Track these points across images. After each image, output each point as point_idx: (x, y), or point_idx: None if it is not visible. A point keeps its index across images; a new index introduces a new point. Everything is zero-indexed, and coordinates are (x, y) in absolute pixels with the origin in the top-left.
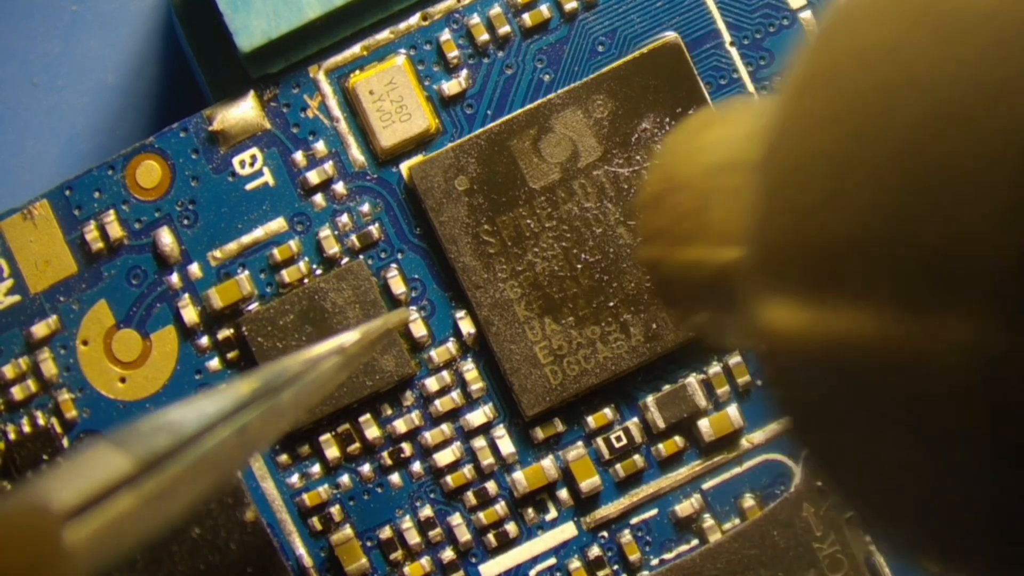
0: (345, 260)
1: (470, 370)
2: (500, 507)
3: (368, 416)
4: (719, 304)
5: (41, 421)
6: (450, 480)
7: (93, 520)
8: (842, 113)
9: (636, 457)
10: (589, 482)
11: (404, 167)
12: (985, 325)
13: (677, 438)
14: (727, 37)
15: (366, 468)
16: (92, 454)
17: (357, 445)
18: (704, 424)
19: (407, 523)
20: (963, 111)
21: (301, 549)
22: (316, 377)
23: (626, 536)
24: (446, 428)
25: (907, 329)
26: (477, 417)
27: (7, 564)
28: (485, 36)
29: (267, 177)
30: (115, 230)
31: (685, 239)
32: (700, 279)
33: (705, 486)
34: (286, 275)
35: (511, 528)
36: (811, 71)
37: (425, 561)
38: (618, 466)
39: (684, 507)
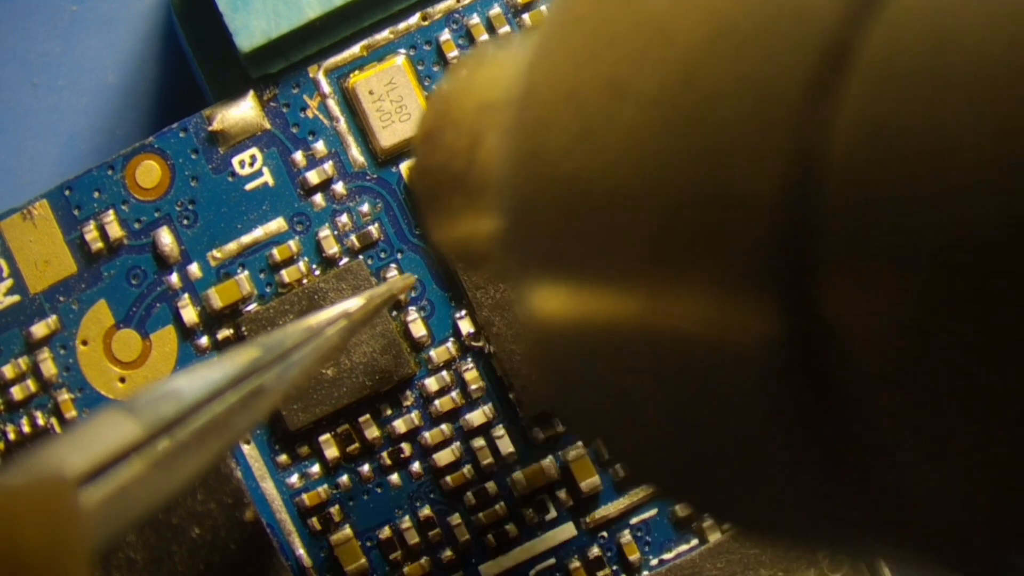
0: (345, 260)
1: (470, 370)
2: (500, 507)
3: (368, 416)
4: (485, 238)
5: (41, 421)
6: (450, 480)
7: (106, 485)
8: (596, 51)
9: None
10: (589, 482)
11: (404, 167)
12: (759, 308)
13: None
14: None
15: (366, 468)
16: (102, 420)
17: (357, 445)
18: None
19: (407, 523)
20: (736, 33)
21: (301, 549)
22: (321, 343)
23: (626, 536)
24: (446, 428)
25: (659, 302)
26: (477, 417)
27: (24, 529)
28: (485, 36)
29: (267, 177)
30: (115, 230)
31: (455, 181)
32: (471, 208)
33: None
34: (286, 275)
35: (511, 528)
36: (566, 7)
37: (425, 561)
38: (618, 466)
39: (684, 507)
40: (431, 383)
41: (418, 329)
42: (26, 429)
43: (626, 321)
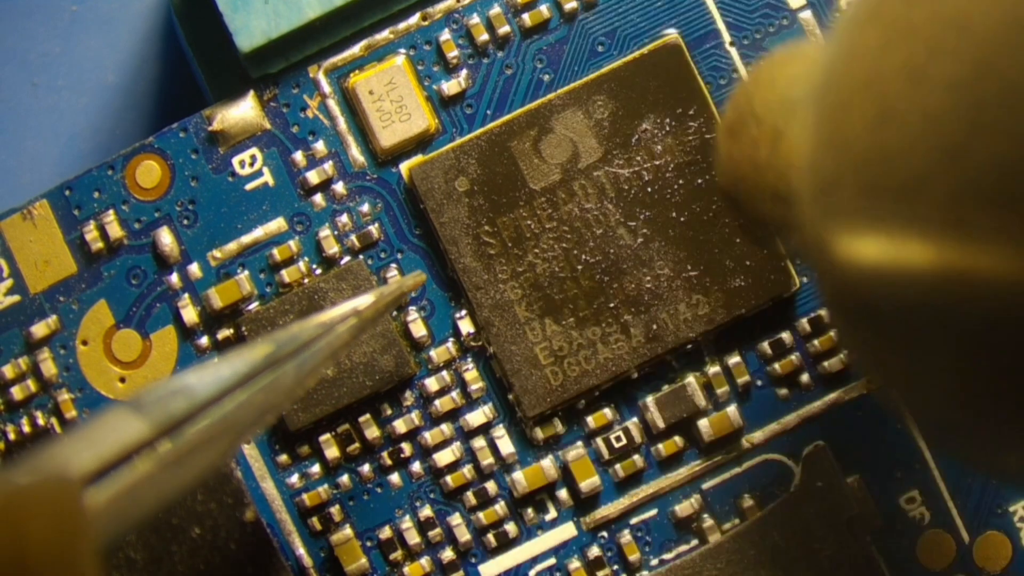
0: (345, 260)
1: (470, 370)
2: (500, 507)
3: (368, 416)
4: (788, 220)
5: (41, 421)
6: (450, 480)
7: (112, 485)
8: (898, 35)
9: (636, 457)
10: (589, 482)
11: (404, 167)
12: None
13: (677, 438)
14: (727, 37)
15: (366, 468)
16: (109, 418)
17: (357, 445)
18: (704, 424)
19: (407, 523)
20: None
21: (301, 549)
22: (331, 340)
23: (626, 536)
24: (446, 428)
25: (965, 257)
26: (477, 417)
27: (31, 530)
28: (485, 36)
29: (267, 177)
30: (115, 230)
31: (759, 168)
32: (775, 195)
33: (705, 486)
34: (286, 275)
35: (511, 528)
36: (864, 3)
37: (425, 561)
38: (618, 466)
39: (684, 507)
40: (431, 383)
41: (418, 329)
42: (26, 429)
43: (929, 268)
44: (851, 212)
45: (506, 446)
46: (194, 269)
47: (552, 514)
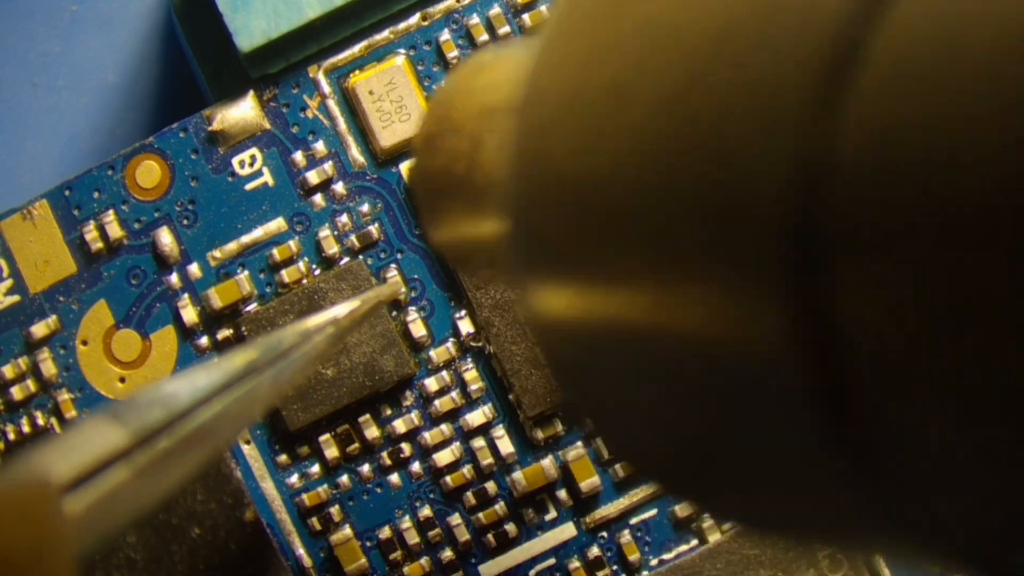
0: (345, 260)
1: (470, 370)
2: (500, 507)
3: (368, 416)
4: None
5: (41, 421)
6: (450, 480)
7: (90, 492)
8: (597, 55)
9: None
10: (589, 482)
11: (404, 167)
12: (768, 307)
13: None
14: None
15: (365, 468)
16: (87, 427)
17: (356, 445)
18: None
19: (407, 523)
20: (741, 34)
21: (301, 549)
22: (309, 349)
23: (625, 536)
24: (446, 428)
25: (668, 301)
26: (477, 417)
27: (8, 536)
28: (485, 36)
29: (267, 177)
30: (115, 230)
31: (455, 185)
32: (474, 213)
33: None
34: (286, 275)
35: (511, 528)
36: (568, 12)
37: (425, 561)
38: (617, 466)
39: (683, 507)
40: (431, 383)
41: (418, 329)
42: (26, 429)
43: (633, 320)
44: (551, 245)
45: (506, 446)
46: (194, 269)
47: (552, 514)
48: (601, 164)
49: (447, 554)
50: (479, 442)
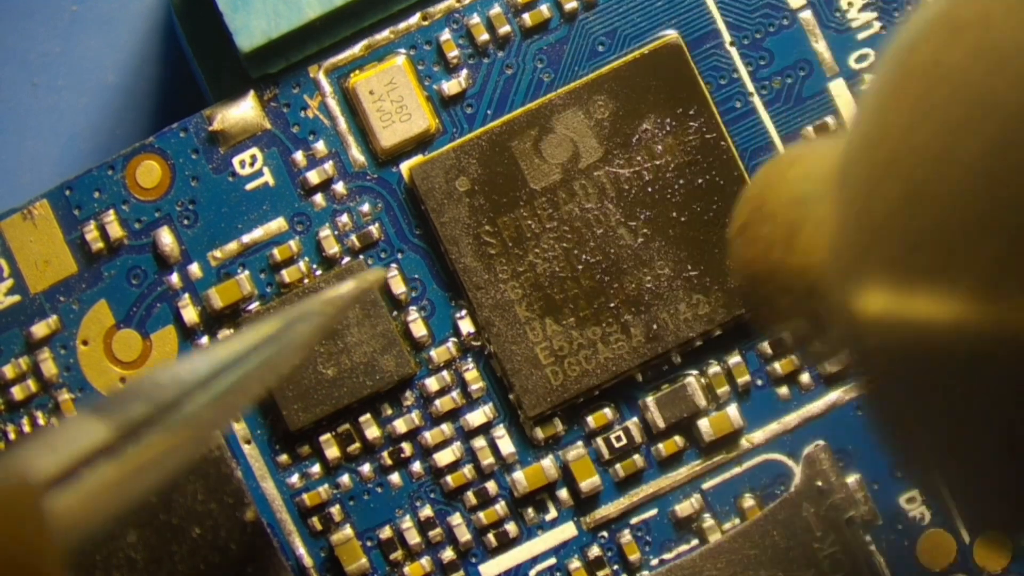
0: (345, 260)
1: (470, 370)
2: (500, 507)
3: (368, 416)
4: (811, 314)
5: (41, 421)
6: (450, 480)
7: (74, 489)
8: (922, 116)
9: (636, 457)
10: (589, 482)
11: (404, 167)
12: None
13: (677, 438)
14: (727, 37)
15: (366, 468)
16: (71, 423)
17: (357, 445)
18: (704, 424)
19: (407, 523)
20: None
21: (301, 549)
22: (294, 339)
23: (626, 536)
24: (446, 428)
25: (993, 316)
26: (477, 417)
27: None
28: (485, 36)
29: (267, 177)
30: (115, 230)
31: (774, 267)
32: (793, 292)
33: (705, 486)
34: (286, 275)
35: (511, 528)
36: (884, 85)
37: (425, 561)
38: (618, 466)
39: (684, 507)
40: (431, 383)
41: (418, 329)
42: (26, 429)
43: (970, 336)
44: (880, 281)
45: (506, 446)
46: (194, 269)
47: (552, 514)
48: (923, 221)
49: (447, 554)
50: (479, 442)
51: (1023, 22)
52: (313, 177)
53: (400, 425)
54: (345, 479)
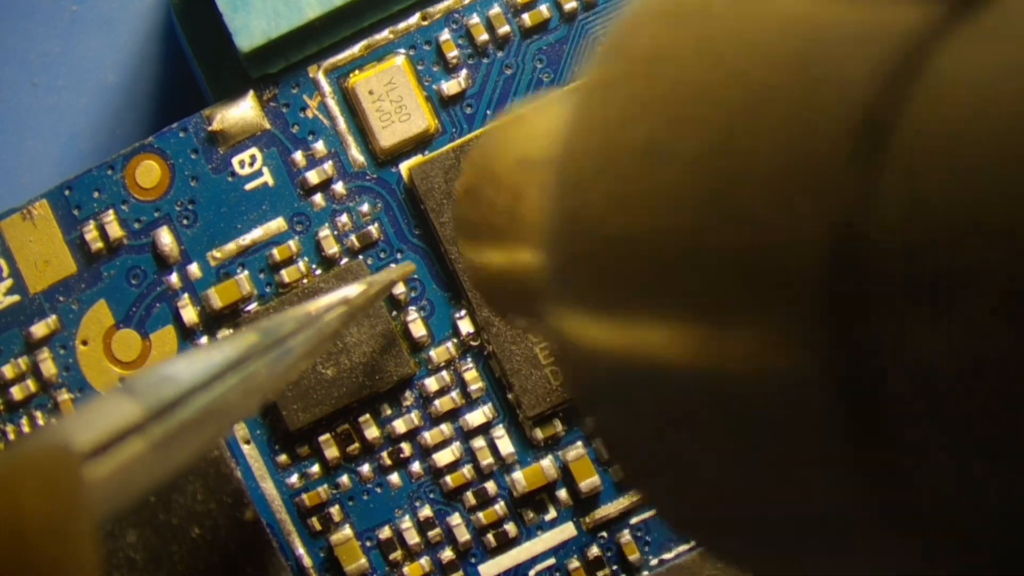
0: (345, 260)
1: (469, 370)
2: (499, 507)
3: (367, 416)
4: (532, 311)
5: (41, 421)
6: (449, 480)
7: (109, 461)
8: (640, 110)
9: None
10: (588, 482)
11: (404, 167)
12: (804, 342)
13: None
14: None
15: (365, 468)
16: (104, 401)
17: (356, 445)
18: None
19: (406, 523)
20: (775, 100)
21: (301, 549)
22: (321, 327)
23: (625, 536)
24: (445, 428)
25: (707, 344)
26: (476, 417)
27: (31, 500)
28: (485, 36)
29: (266, 177)
30: (114, 230)
31: (496, 234)
32: (510, 286)
33: None
34: (285, 275)
35: (510, 528)
36: (603, 70)
37: (425, 561)
38: (618, 466)
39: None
40: (431, 383)
41: (418, 329)
42: (26, 429)
43: (669, 362)
44: (588, 295)
45: (506, 446)
46: (194, 269)
47: (552, 514)
48: (636, 223)
49: (447, 554)
50: (479, 442)
51: (744, 14)
52: (312, 177)
53: (399, 425)
54: (344, 479)
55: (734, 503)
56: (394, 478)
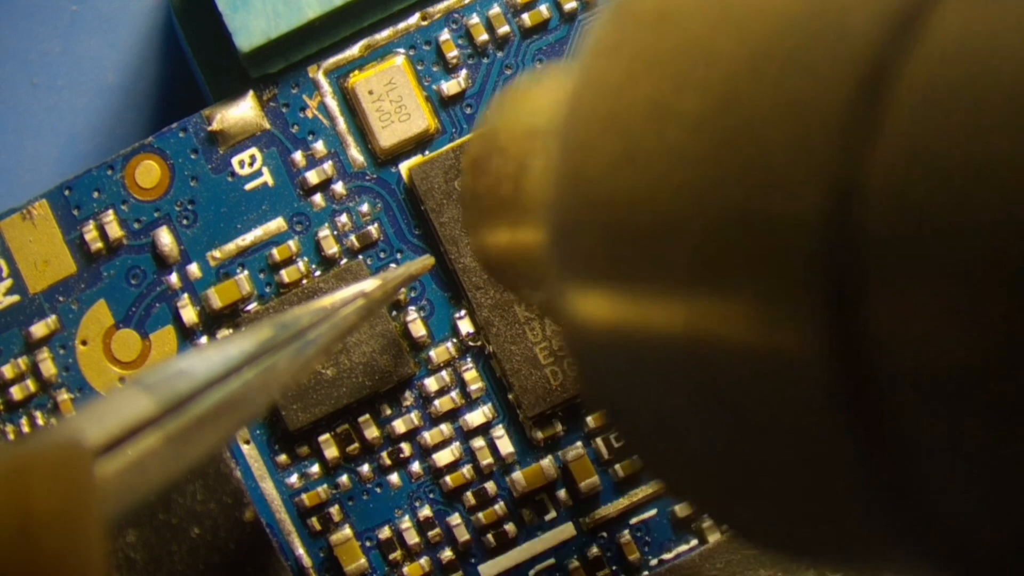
0: (344, 260)
1: (469, 370)
2: (499, 507)
3: (367, 416)
4: (538, 286)
5: (40, 421)
6: (449, 480)
7: (122, 457)
8: (645, 68)
9: (635, 457)
10: (588, 482)
11: (404, 167)
12: (803, 323)
13: None
14: None
15: (365, 468)
16: (118, 396)
17: (356, 445)
18: None
19: (406, 523)
20: (776, 55)
21: (300, 549)
22: (338, 322)
23: (625, 536)
24: (445, 428)
25: (704, 312)
26: (476, 417)
27: (42, 495)
28: (484, 36)
29: (266, 177)
30: (114, 230)
31: (503, 207)
32: (517, 262)
33: None
34: (285, 275)
35: (510, 528)
36: (607, 32)
37: (424, 561)
38: (617, 466)
39: (683, 507)
40: (431, 383)
41: (418, 329)
42: (26, 429)
43: (669, 331)
44: (589, 263)
45: (506, 446)
46: (193, 269)
47: (551, 514)
48: (638, 182)
49: (447, 554)
50: (479, 442)
51: None
52: (312, 177)
53: (399, 425)
54: (344, 479)
55: (725, 471)
56: (394, 478)
